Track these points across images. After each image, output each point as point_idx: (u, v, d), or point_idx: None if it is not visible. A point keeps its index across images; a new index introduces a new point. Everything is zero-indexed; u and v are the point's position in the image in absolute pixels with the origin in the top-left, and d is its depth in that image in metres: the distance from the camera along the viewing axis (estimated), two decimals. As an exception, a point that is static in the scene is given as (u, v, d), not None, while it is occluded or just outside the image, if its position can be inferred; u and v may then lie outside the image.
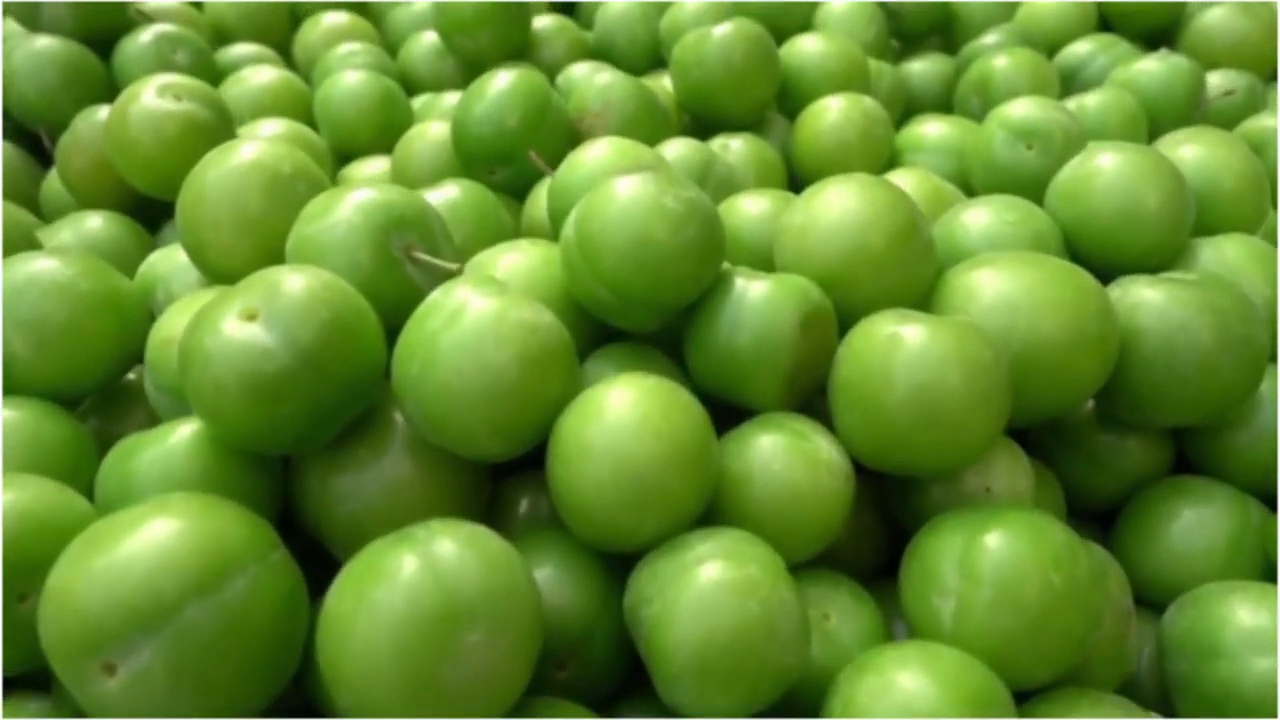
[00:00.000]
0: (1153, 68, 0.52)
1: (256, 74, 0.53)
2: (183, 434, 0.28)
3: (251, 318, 0.27)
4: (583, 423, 0.27)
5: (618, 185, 0.30)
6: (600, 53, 0.61)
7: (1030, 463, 0.33)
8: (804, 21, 0.61)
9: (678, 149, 0.42)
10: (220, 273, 0.34)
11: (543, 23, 0.59)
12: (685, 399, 0.27)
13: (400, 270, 0.31)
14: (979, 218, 0.38)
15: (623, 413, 0.26)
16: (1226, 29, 0.59)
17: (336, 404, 0.27)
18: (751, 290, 0.31)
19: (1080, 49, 0.58)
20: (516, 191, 0.44)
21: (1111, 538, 0.37)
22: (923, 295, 0.34)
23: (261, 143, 0.34)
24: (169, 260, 0.37)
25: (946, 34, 0.66)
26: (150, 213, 0.46)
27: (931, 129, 0.50)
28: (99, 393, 0.35)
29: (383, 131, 0.51)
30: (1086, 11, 0.60)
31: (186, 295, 0.35)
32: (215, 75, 0.54)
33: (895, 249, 0.32)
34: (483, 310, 0.27)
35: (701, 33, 0.49)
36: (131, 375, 0.37)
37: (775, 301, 0.30)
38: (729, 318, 0.31)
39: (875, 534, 0.34)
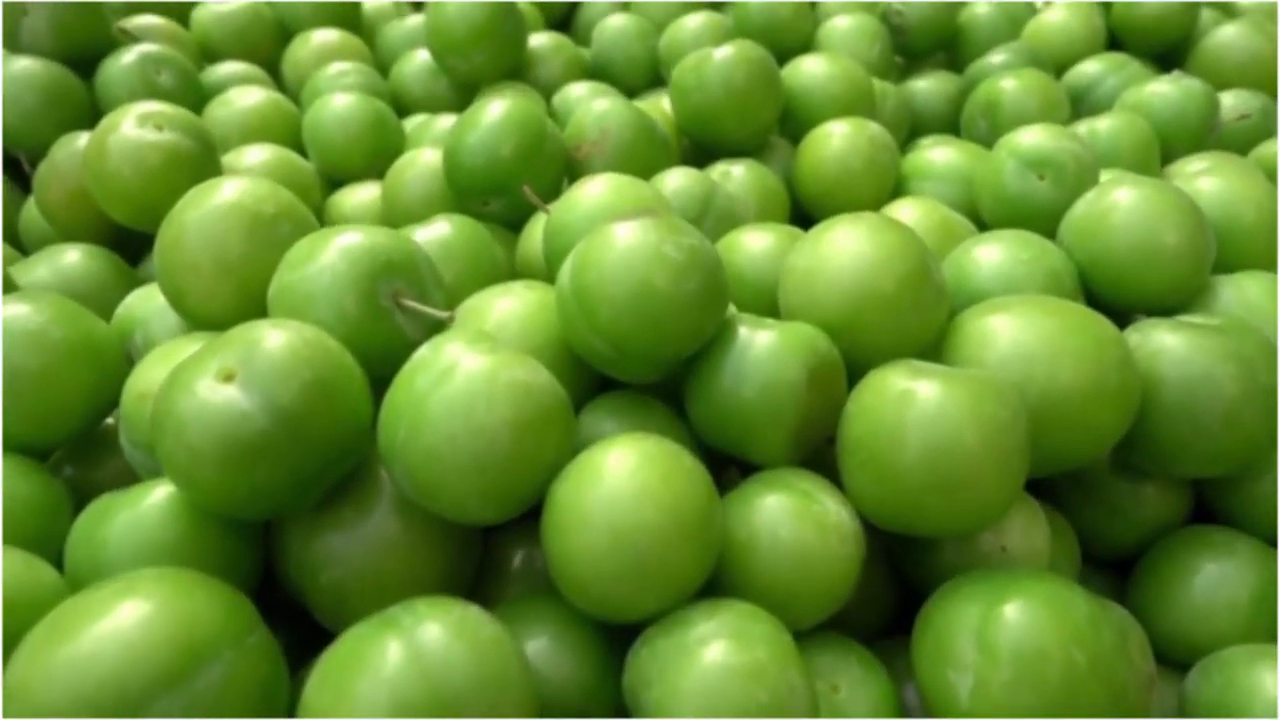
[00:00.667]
0: (1165, 90, 0.51)
1: (244, 96, 0.52)
2: (157, 497, 0.27)
3: (229, 378, 0.25)
4: (579, 490, 0.25)
5: (616, 232, 0.29)
6: (597, 71, 0.60)
7: (1045, 511, 0.32)
8: (806, 39, 0.59)
9: (678, 180, 0.41)
10: (200, 319, 0.33)
11: (539, 41, 0.58)
12: (687, 464, 0.26)
13: (388, 319, 0.30)
14: (991, 255, 0.37)
15: (621, 480, 0.25)
16: (1239, 47, 0.58)
17: (319, 468, 0.26)
18: (757, 341, 0.29)
19: (1089, 69, 0.56)
20: (511, 223, 0.43)
21: (1128, 589, 0.35)
22: (934, 340, 0.32)
23: (243, 182, 0.33)
24: (147, 302, 0.35)
25: (951, 50, 0.64)
26: (132, 243, 0.44)
27: (938, 155, 0.48)
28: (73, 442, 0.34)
29: (373, 156, 0.50)
30: (1095, 29, 0.59)
31: (165, 341, 0.33)
32: (201, 96, 0.53)
33: (906, 294, 0.31)
34: (474, 370, 0.25)
35: (702, 55, 0.48)
36: (110, 419, 0.35)
37: (781, 353, 0.29)
38: (733, 370, 0.29)
39: (884, 591, 0.33)
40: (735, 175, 0.46)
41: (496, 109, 0.41)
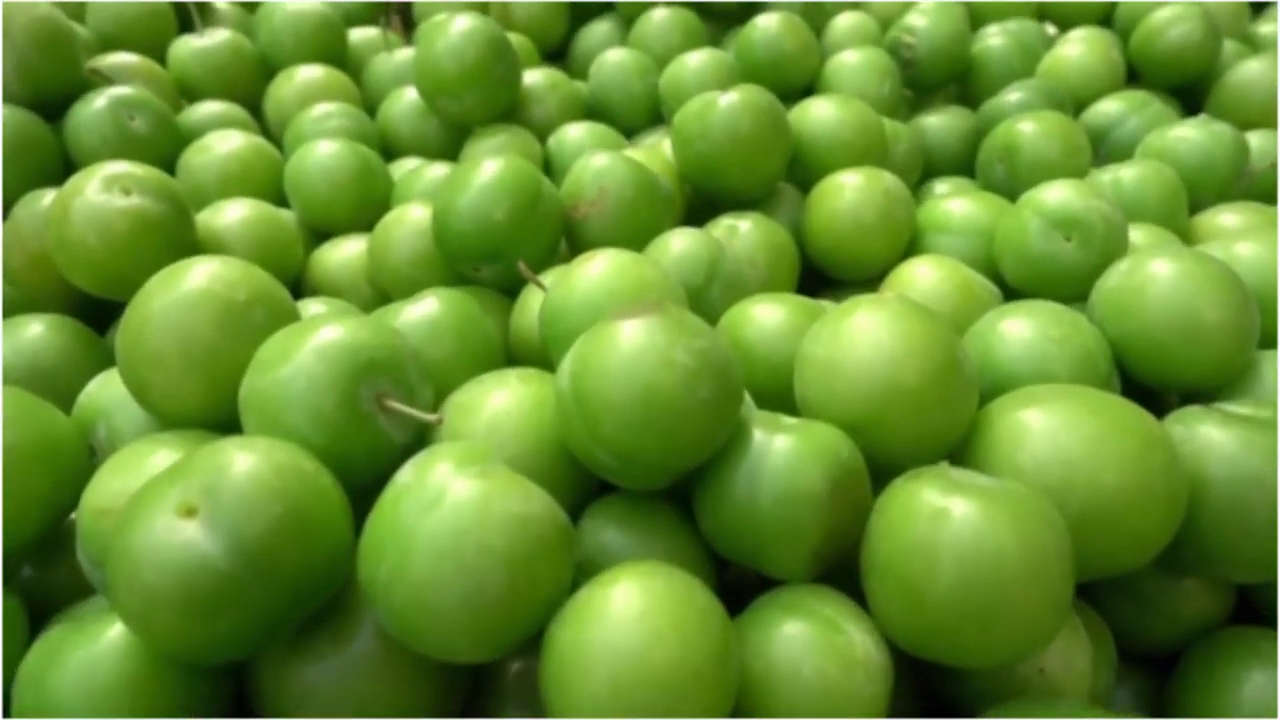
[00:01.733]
0: (1192, 136, 0.48)
1: (223, 141, 0.49)
2: (112, 637, 0.24)
3: (190, 513, 0.22)
4: (580, 634, 0.23)
5: (619, 333, 0.26)
6: (595, 109, 0.57)
7: (1079, 606, 0.30)
8: (812, 74, 0.57)
9: (683, 244, 0.38)
10: (167, 415, 0.30)
11: (533, 79, 0.55)
12: (700, 602, 0.23)
13: (371, 424, 0.27)
14: (1019, 331, 0.34)
15: (627, 624, 0.22)
16: (1263, 84, 0.55)
17: (291, 609, 0.23)
18: (774, 447, 0.27)
19: (1109, 108, 0.54)
20: (506, 289, 0.40)
21: (1167, 690, 0.33)
22: (963, 435, 0.30)
23: (213, 265, 0.30)
24: (112, 388, 0.33)
25: (963, 82, 0.62)
26: (103, 308, 0.41)
27: (956, 207, 0.46)
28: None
29: (359, 207, 0.47)
30: (1113, 64, 0.57)
31: (129, 435, 0.31)
32: (178, 140, 0.50)
33: (934, 390, 0.28)
34: (464, 499, 0.23)
35: (705, 101, 0.45)
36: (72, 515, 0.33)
37: (801, 461, 0.27)
38: (748, 478, 0.27)
39: (910, 709, 0.30)
40: (742, 231, 0.43)
41: (488, 170, 0.38)
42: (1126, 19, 0.63)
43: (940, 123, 0.57)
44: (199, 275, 0.30)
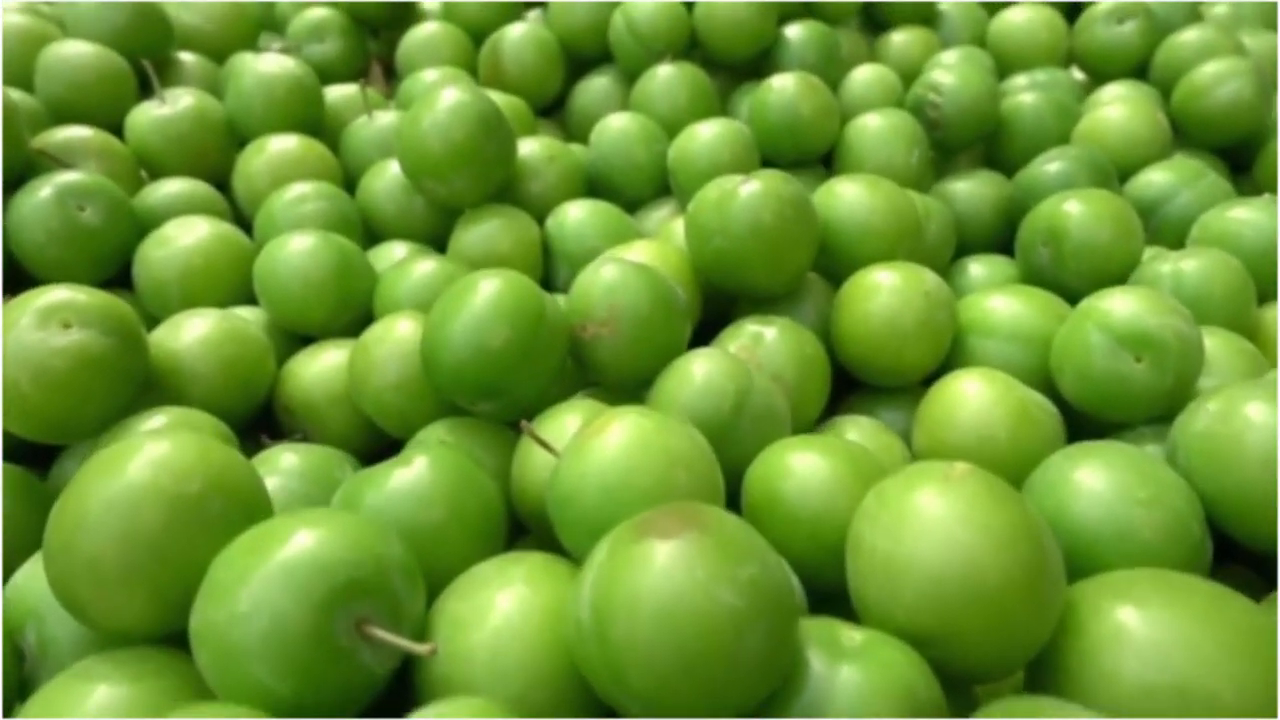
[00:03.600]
0: (1255, 219, 0.44)
1: (185, 231, 0.44)
2: None
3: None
4: None
5: (650, 560, 0.21)
6: (597, 180, 0.52)
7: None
8: (831, 139, 0.52)
9: (706, 372, 0.34)
10: (106, 630, 0.25)
11: (529, 149, 0.50)
12: None
13: (348, 660, 0.23)
14: (1098, 487, 0.30)
15: None
16: (1319, 147, 0.51)
17: None
18: (839, 684, 0.22)
19: (1158, 179, 0.50)
20: (507, 420, 0.35)
21: None
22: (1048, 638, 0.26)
23: (161, 449, 0.25)
24: (43, 581, 0.28)
25: (990, 139, 0.57)
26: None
27: (1001, 306, 0.41)
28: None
29: (338, 308, 0.42)
30: (1159, 129, 0.52)
31: (64, 653, 0.26)
32: (135, 229, 0.45)
33: (1018, 593, 0.24)
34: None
35: (724, 191, 0.41)
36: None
37: (872, 703, 0.22)
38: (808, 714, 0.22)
39: None
40: (768, 340, 0.39)
41: (484, 293, 0.33)
42: (1166, 70, 0.59)
43: (970, 190, 0.53)
44: (142, 465, 0.25)
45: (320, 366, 0.40)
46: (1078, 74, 0.66)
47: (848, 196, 0.44)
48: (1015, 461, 0.35)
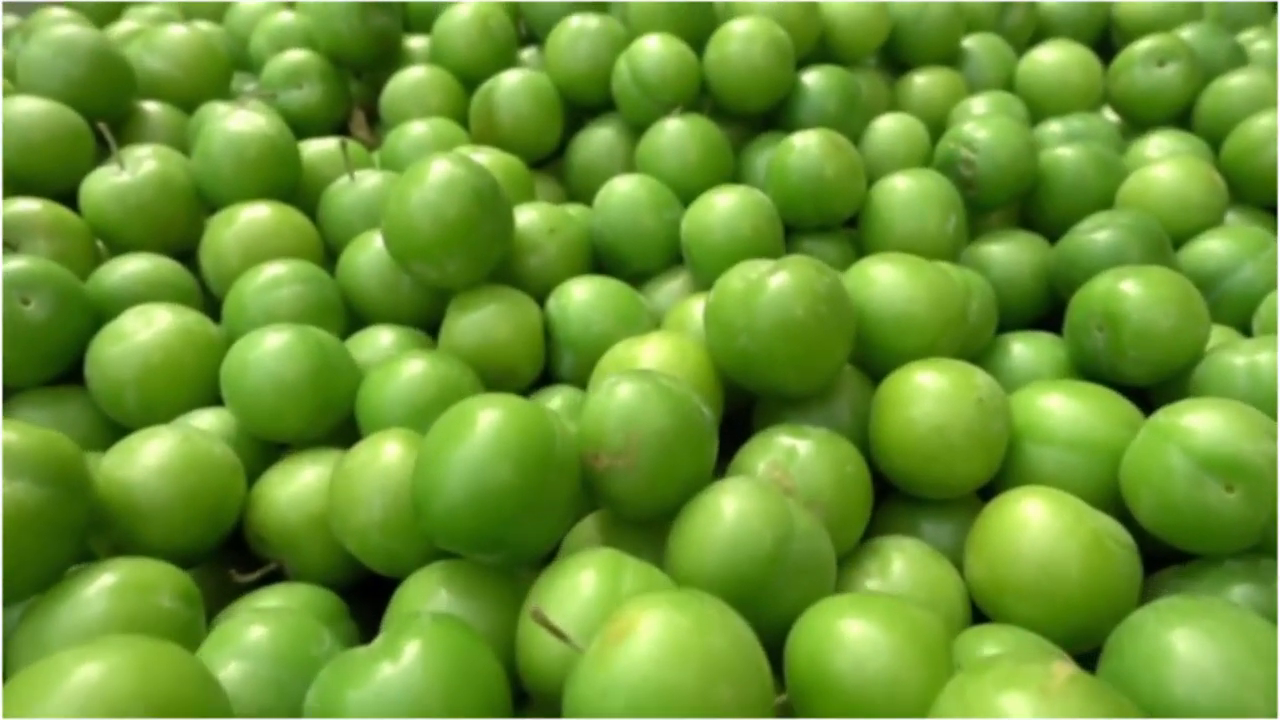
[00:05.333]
0: (1335, 301, 0.40)
1: (144, 326, 0.39)
2: None
3: None
4: None
5: None
6: (604, 251, 0.48)
7: None
8: (856, 202, 0.48)
9: (738, 514, 0.29)
10: None
11: (528, 219, 0.45)
12: None
13: None
14: (1203, 663, 0.26)
15: None
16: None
17: None
18: None
19: (1216, 249, 0.45)
20: (509, 569, 0.31)
21: None
22: None
23: (93, 673, 0.21)
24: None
25: (1026, 197, 0.53)
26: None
27: (1058, 406, 0.37)
28: None
29: (316, 415, 0.37)
30: (1215, 192, 0.48)
31: None
32: (88, 319, 0.41)
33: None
34: None
35: (749, 283, 0.36)
36: None
37: None
38: None
39: None
40: (802, 456, 0.34)
41: (484, 427, 0.29)
42: (1212, 119, 0.55)
43: (1007, 255, 0.49)
44: (69, 699, 0.20)
45: (296, 488, 0.35)
46: (1109, 114, 0.62)
47: (884, 281, 0.39)
48: (1088, 604, 0.31)
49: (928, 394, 0.36)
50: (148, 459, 0.33)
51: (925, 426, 0.35)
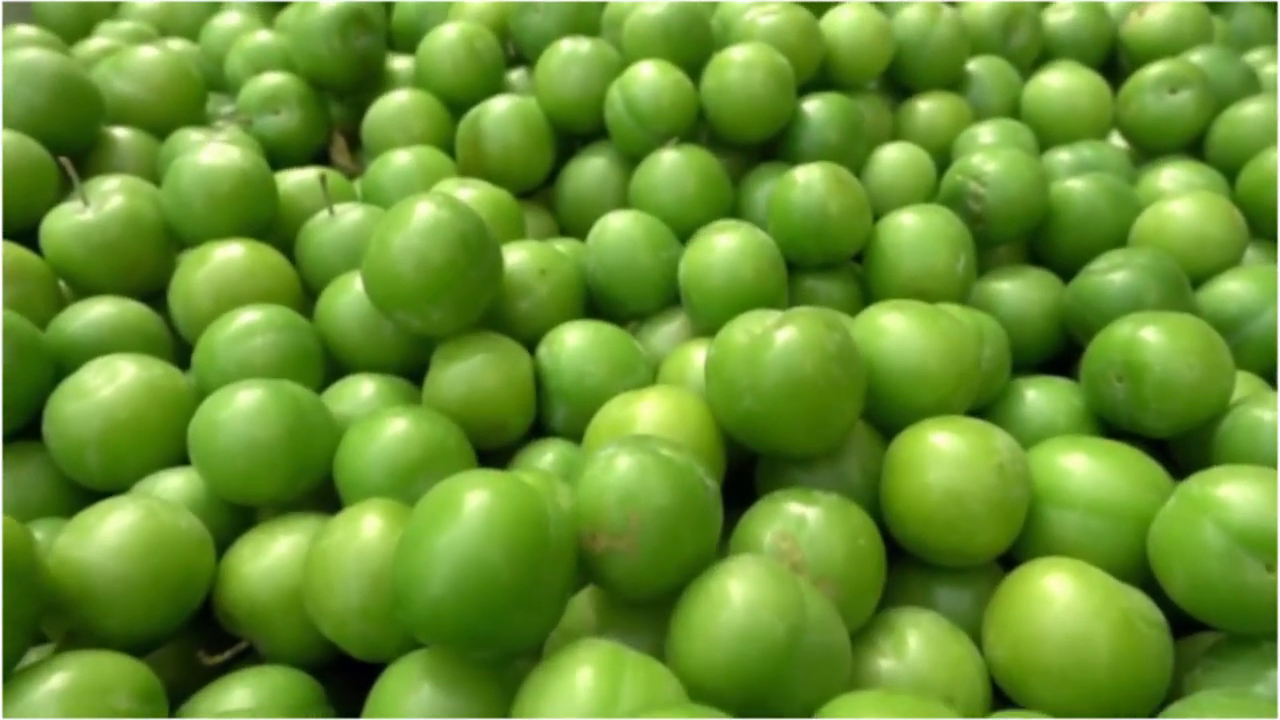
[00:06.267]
0: (1365, 352, 0.38)
1: (105, 381, 0.37)
2: None
3: None
4: None
5: None
6: (597, 292, 0.45)
7: None
8: (863, 239, 0.46)
9: (748, 606, 0.27)
10: None
11: (517, 260, 0.43)
12: None
13: None
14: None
15: None
16: None
17: None
18: None
19: (1237, 291, 0.43)
20: (498, 666, 0.29)
21: None
22: None
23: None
24: None
25: (1036, 230, 0.51)
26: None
27: (1078, 468, 0.35)
28: None
29: (292, 478, 0.35)
30: (1235, 230, 0.46)
31: None
32: (47, 371, 0.38)
33: None
34: None
35: (754, 339, 0.34)
36: None
37: None
38: None
39: None
40: (812, 527, 0.32)
41: (471, 510, 0.26)
42: (1226, 148, 0.53)
43: (1018, 293, 0.47)
44: None
45: (268, 562, 0.33)
46: (1117, 139, 0.60)
47: (896, 332, 0.37)
48: (1117, 689, 0.29)
49: (944, 458, 0.33)
50: (106, 538, 0.30)
51: (942, 493, 0.33)
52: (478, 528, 0.26)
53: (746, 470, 0.39)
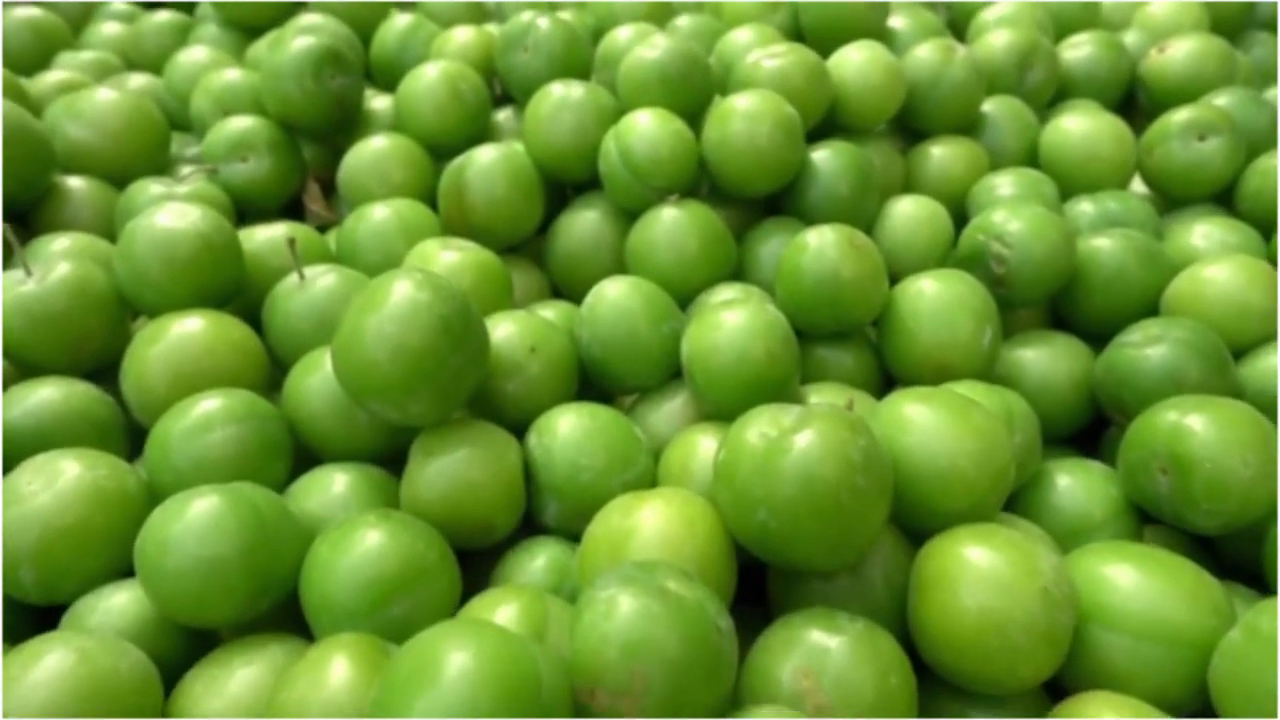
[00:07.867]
0: None
1: (46, 482, 0.33)
2: None
3: None
4: None
5: None
6: (592, 367, 0.42)
7: None
8: (879, 307, 0.42)
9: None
10: None
11: (505, 334, 0.39)
12: None
13: None
14: None
15: None
16: None
17: None
18: None
19: (1274, 365, 0.40)
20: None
21: None
22: None
23: None
24: None
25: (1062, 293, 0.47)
26: None
27: (1128, 583, 0.31)
28: None
29: (251, 599, 0.31)
30: (1266, 293, 0.42)
31: None
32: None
33: None
34: None
35: (770, 444, 0.31)
36: None
37: None
38: None
39: None
40: (837, 661, 0.29)
41: (455, 672, 0.23)
42: (1257, 202, 0.50)
43: (1044, 363, 0.44)
44: None
45: (223, 705, 0.29)
46: (1138, 184, 0.57)
47: (923, 428, 0.34)
48: None
49: (982, 579, 0.30)
50: (34, 690, 0.26)
51: (980, 619, 0.30)
52: (461, 693, 0.23)
53: (757, 571, 0.36)
